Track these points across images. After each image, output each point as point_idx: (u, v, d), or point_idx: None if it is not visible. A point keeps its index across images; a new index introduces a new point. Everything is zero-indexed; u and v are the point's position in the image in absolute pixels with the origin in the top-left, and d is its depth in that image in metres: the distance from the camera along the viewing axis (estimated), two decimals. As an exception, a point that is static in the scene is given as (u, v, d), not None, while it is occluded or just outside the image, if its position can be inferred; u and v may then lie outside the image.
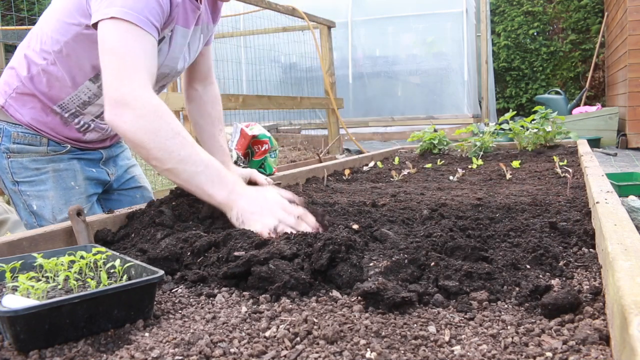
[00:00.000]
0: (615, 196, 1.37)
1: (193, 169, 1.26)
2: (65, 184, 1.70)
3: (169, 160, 1.26)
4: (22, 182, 1.67)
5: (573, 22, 11.70)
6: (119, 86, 1.27)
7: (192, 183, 1.27)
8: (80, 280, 0.93)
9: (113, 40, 1.30)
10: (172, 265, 1.11)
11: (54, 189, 1.68)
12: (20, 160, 1.66)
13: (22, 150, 1.66)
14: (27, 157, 1.66)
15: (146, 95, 1.28)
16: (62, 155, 1.70)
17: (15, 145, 1.64)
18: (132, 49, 1.30)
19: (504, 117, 3.36)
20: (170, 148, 1.25)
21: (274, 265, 0.98)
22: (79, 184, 1.72)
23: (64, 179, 1.70)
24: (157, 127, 1.26)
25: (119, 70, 1.28)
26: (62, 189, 1.69)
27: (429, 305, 0.89)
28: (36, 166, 1.67)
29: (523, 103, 11.97)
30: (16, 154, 1.65)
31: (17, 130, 1.64)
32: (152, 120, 1.26)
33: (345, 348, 0.73)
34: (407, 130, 8.98)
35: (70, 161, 1.72)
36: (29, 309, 0.73)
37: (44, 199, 1.67)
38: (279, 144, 6.83)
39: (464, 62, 9.33)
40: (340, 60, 9.59)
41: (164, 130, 1.26)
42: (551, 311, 0.81)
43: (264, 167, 2.27)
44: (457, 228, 1.22)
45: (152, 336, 0.80)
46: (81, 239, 1.24)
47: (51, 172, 1.68)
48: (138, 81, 1.28)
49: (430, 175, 2.50)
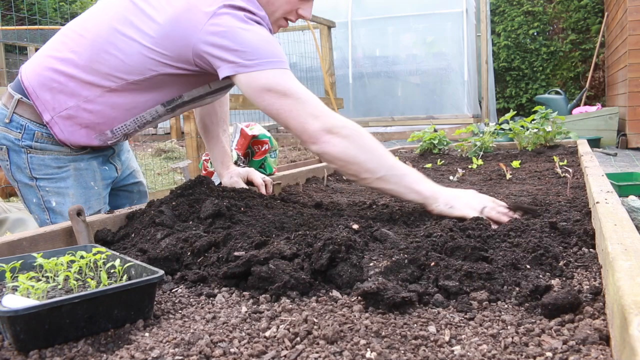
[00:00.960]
0: (615, 196, 1.37)
1: (401, 173, 1.44)
2: (86, 183, 1.69)
3: (379, 169, 1.42)
4: (41, 179, 1.65)
5: (573, 22, 11.69)
6: (313, 121, 1.41)
7: (401, 184, 1.43)
8: (80, 280, 0.93)
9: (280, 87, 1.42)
10: (172, 265, 1.11)
11: (74, 187, 1.67)
12: (42, 157, 1.64)
13: (45, 148, 1.64)
14: (49, 154, 1.64)
15: (340, 120, 1.44)
16: (84, 154, 1.69)
17: (37, 143, 1.62)
18: (301, 90, 1.44)
19: (504, 117, 3.36)
20: (379, 159, 1.43)
21: (274, 265, 0.98)
22: (97, 185, 1.72)
23: (84, 178, 1.69)
24: (362, 144, 1.42)
25: (304, 109, 1.42)
26: (82, 188, 1.68)
27: (429, 305, 0.89)
28: (58, 164, 1.65)
29: (523, 103, 11.97)
30: (37, 151, 1.63)
31: (42, 130, 1.61)
32: (358, 137, 1.42)
33: (345, 348, 0.73)
34: (407, 130, 8.97)
35: (90, 161, 1.71)
36: (28, 309, 0.73)
37: (64, 196, 1.66)
38: (279, 144, 6.83)
39: (464, 62, 9.33)
40: (340, 60, 9.59)
41: (368, 145, 1.43)
42: (551, 311, 0.81)
43: (264, 167, 2.27)
44: (457, 228, 1.22)
45: (152, 336, 0.80)
46: (81, 239, 1.24)
47: (72, 170, 1.67)
48: (325, 111, 1.43)
49: (430, 175, 2.50)
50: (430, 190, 1.44)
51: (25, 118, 1.61)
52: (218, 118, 1.91)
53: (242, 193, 1.64)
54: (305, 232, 1.17)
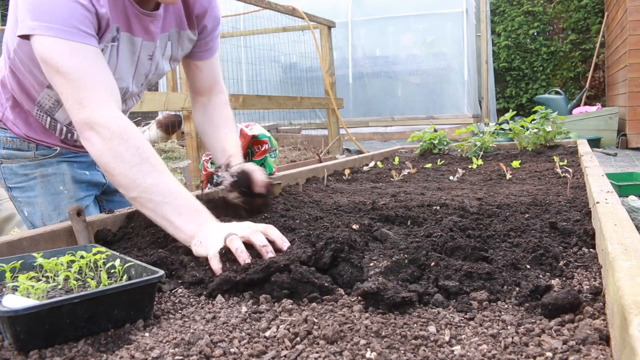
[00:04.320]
0: (615, 196, 1.37)
1: (160, 199, 1.15)
2: (54, 189, 1.66)
3: (133, 188, 1.17)
4: (14, 188, 1.66)
5: (573, 22, 11.69)
6: (78, 110, 1.20)
7: (158, 213, 1.16)
8: (80, 280, 0.93)
9: (52, 61, 1.20)
10: (173, 265, 1.11)
11: (42, 195, 1.65)
12: (11, 166, 1.64)
13: (12, 156, 1.63)
14: (16, 163, 1.64)
15: (109, 116, 1.20)
16: (51, 159, 1.66)
17: (4, 150, 1.62)
18: (76, 68, 1.20)
19: (504, 117, 3.36)
20: (135, 175, 1.16)
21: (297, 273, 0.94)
22: (67, 188, 1.68)
23: (52, 184, 1.66)
24: (122, 151, 1.17)
25: (72, 93, 1.20)
26: (50, 195, 1.66)
27: (429, 305, 0.89)
28: (25, 172, 1.64)
29: (523, 103, 11.97)
30: (6, 160, 1.64)
31: (6, 135, 1.61)
32: (118, 143, 1.18)
33: (345, 348, 0.73)
34: (407, 130, 8.97)
35: (59, 165, 1.67)
36: (29, 309, 0.73)
37: (33, 206, 1.65)
38: (279, 144, 6.83)
39: (464, 62, 9.33)
40: (340, 60, 9.59)
41: (129, 154, 1.17)
42: (551, 311, 0.81)
43: (264, 167, 2.27)
44: (457, 228, 1.22)
45: (152, 336, 0.80)
46: (81, 239, 1.24)
47: (39, 178, 1.65)
48: (96, 101, 1.20)
49: (431, 175, 2.50)
50: (193, 229, 1.14)
51: None
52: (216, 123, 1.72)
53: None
54: (309, 232, 1.17)
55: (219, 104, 1.76)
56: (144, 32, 1.46)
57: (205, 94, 1.75)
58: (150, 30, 1.47)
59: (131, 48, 1.46)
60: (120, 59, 1.44)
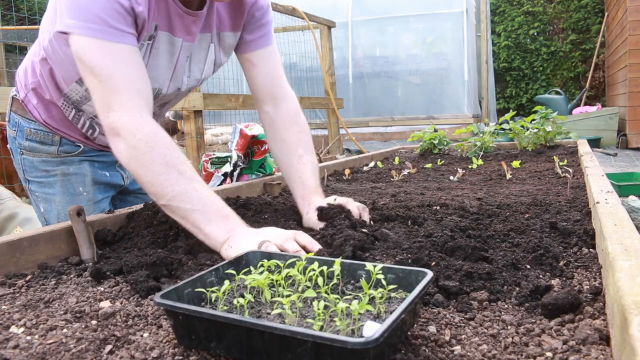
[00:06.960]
0: (615, 196, 1.37)
1: (189, 207, 1.15)
2: (74, 189, 1.65)
3: (162, 196, 1.16)
4: (32, 181, 1.65)
5: (573, 22, 11.69)
6: (107, 114, 1.19)
7: (187, 220, 1.16)
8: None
9: (86, 60, 1.19)
10: (172, 265, 1.11)
11: (61, 193, 1.64)
12: (32, 159, 1.63)
13: (34, 149, 1.62)
14: (38, 157, 1.62)
15: (136, 122, 1.18)
16: (74, 157, 1.64)
17: (27, 142, 1.61)
18: (108, 69, 1.18)
19: (504, 117, 3.36)
20: (162, 184, 1.15)
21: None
22: (87, 190, 1.67)
23: (72, 183, 1.65)
24: (148, 160, 1.16)
25: (102, 96, 1.19)
26: (69, 195, 1.64)
27: (429, 305, 0.88)
28: (46, 167, 1.63)
29: (523, 103, 11.97)
30: (28, 152, 1.62)
31: (31, 127, 1.60)
32: (144, 151, 1.16)
33: (345, 348, 0.73)
34: (407, 130, 8.98)
35: (81, 164, 1.65)
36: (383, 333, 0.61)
37: (50, 203, 1.64)
38: (279, 144, 6.81)
39: (464, 62, 9.33)
40: (340, 60, 9.59)
41: (156, 163, 1.16)
42: (551, 311, 0.81)
43: (263, 167, 2.27)
44: (458, 228, 1.22)
45: (152, 336, 0.80)
46: (81, 239, 1.24)
47: (60, 176, 1.63)
48: (125, 104, 1.18)
49: (431, 175, 2.50)
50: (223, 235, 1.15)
51: (18, 114, 1.63)
52: (287, 144, 1.54)
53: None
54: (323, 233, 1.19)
55: (288, 115, 1.56)
56: (186, 32, 1.40)
57: (268, 100, 1.56)
58: (192, 31, 1.41)
59: (170, 49, 1.40)
60: (154, 59, 1.38)
